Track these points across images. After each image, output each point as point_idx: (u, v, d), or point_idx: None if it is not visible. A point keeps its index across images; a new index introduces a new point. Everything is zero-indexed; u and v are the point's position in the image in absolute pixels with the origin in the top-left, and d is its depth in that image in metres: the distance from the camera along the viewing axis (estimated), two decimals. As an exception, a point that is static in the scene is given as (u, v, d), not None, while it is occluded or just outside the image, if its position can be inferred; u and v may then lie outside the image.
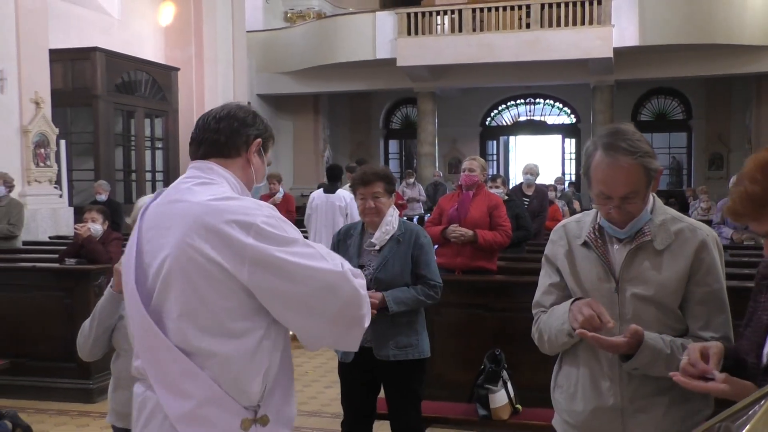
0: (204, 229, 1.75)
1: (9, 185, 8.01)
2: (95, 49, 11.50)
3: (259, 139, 2.00)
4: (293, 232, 1.84)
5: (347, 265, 1.87)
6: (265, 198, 9.91)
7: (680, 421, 2.07)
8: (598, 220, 2.18)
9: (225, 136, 1.95)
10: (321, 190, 8.38)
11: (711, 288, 2.08)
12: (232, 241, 1.75)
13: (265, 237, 1.77)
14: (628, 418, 2.10)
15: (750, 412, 1.00)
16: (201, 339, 1.76)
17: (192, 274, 1.75)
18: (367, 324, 1.93)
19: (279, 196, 9.79)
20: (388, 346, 3.51)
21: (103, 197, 9.62)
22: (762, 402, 0.99)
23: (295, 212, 10.40)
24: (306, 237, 8.48)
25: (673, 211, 2.18)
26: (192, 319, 1.76)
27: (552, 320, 2.18)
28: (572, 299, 2.13)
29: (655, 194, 2.16)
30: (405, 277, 3.55)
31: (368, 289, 3.49)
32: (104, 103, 11.53)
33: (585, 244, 2.18)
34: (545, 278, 2.32)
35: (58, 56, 10.73)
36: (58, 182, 10.56)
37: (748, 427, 0.92)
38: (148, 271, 1.83)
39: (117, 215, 8.86)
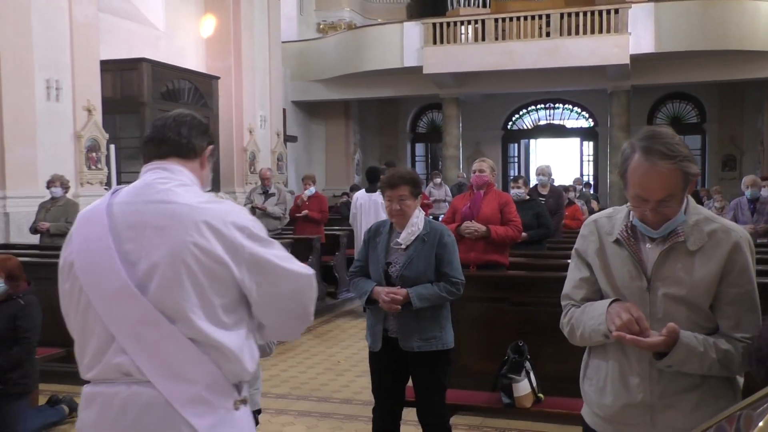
0: (208, 230, 1.79)
1: (65, 186, 8.16)
2: (142, 60, 11.64)
3: (211, 146, 2.06)
4: (267, 233, 1.94)
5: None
6: (299, 197, 9.94)
7: (709, 417, 1.97)
8: (630, 219, 2.08)
9: (186, 139, 1.97)
10: (363, 190, 8.78)
11: (743, 289, 2.00)
12: (233, 242, 1.81)
13: (255, 239, 1.85)
14: (657, 414, 2.03)
15: (771, 400, 0.98)
16: (205, 331, 1.78)
17: (196, 271, 1.77)
18: (312, 320, 2.02)
19: (306, 193, 9.86)
20: (413, 338, 3.53)
21: (150, 198, 9.73)
22: (782, 391, 0.98)
23: (328, 212, 10.40)
24: (352, 233, 8.85)
25: (706, 211, 2.08)
26: (195, 313, 1.77)
27: (586, 318, 2.10)
28: (609, 300, 2.04)
29: (689, 195, 2.05)
30: (429, 275, 3.55)
31: (394, 284, 3.54)
32: (150, 110, 11.65)
33: (617, 241, 2.08)
34: (575, 272, 2.22)
35: (108, 67, 10.88)
36: (108, 184, 10.71)
37: (768, 415, 0.91)
38: (135, 270, 1.79)
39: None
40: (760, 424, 0.95)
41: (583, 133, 21.19)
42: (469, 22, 17.00)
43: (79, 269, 1.84)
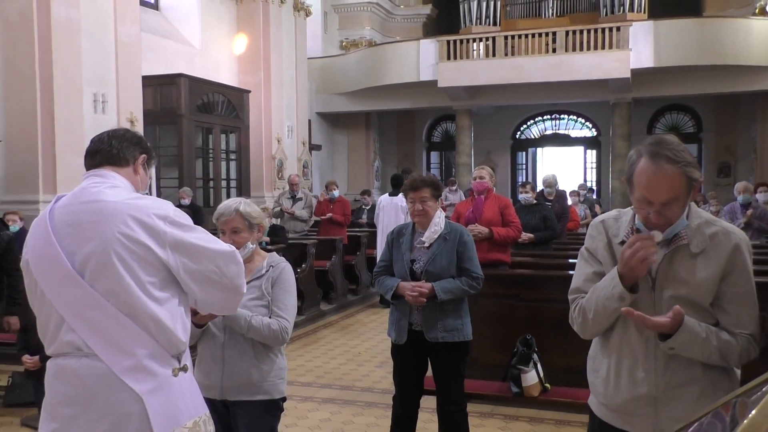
0: (133, 221, 1.93)
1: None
2: (180, 75, 11.73)
3: (144, 155, 2.19)
4: (191, 221, 2.07)
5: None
6: (326, 200, 9.97)
7: None
8: (636, 222, 2.05)
9: (116, 149, 2.11)
10: (387, 194, 9.14)
11: (743, 288, 1.97)
12: (155, 229, 1.95)
13: (176, 225, 1.99)
14: (660, 406, 2.00)
15: (765, 389, 0.98)
16: (138, 307, 1.92)
17: (125, 256, 1.91)
18: (244, 291, 2.13)
19: (328, 195, 9.94)
20: (437, 329, 3.53)
21: (186, 201, 9.81)
22: (774, 380, 0.98)
23: (351, 215, 10.42)
24: (372, 235, 9.24)
25: (707, 215, 2.05)
26: (128, 292, 1.91)
27: (597, 294, 2.05)
28: (615, 269, 2.00)
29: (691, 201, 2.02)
30: (451, 270, 3.56)
31: (419, 280, 3.55)
32: (187, 122, 11.75)
33: (623, 243, 2.04)
34: (587, 267, 2.17)
35: (149, 82, 10.99)
36: (149, 189, 10.81)
37: (763, 401, 0.91)
38: (74, 259, 1.93)
39: (198, 217, 9.03)
40: (753, 412, 0.94)
41: (587, 142, 21.06)
42: (480, 39, 16.96)
43: (32, 264, 1.99)
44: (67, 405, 1.92)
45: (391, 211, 8.89)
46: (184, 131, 11.69)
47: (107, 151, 2.10)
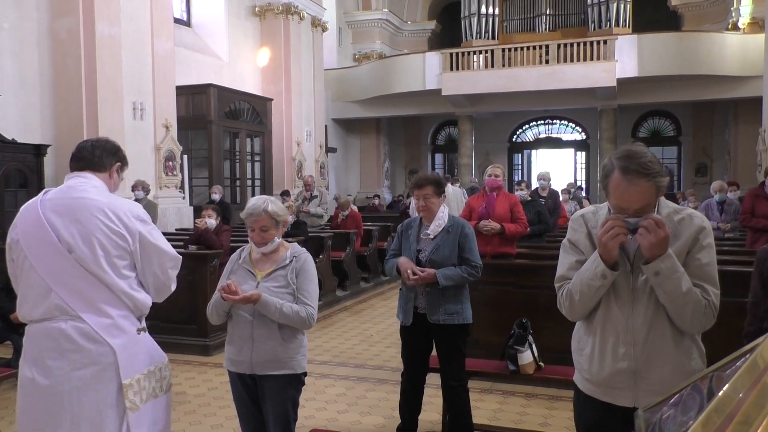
0: (112, 214, 2.23)
1: (146, 190, 8.28)
2: (210, 85, 11.78)
3: (118, 164, 2.44)
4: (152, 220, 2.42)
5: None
6: (341, 217, 9.92)
7: (683, 379, 1.94)
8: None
9: (98, 158, 2.37)
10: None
11: (705, 261, 2.00)
12: (128, 222, 2.27)
13: (142, 221, 2.32)
14: (640, 378, 2.02)
15: (738, 363, 0.98)
16: (113, 278, 2.22)
17: (105, 243, 2.21)
18: (172, 289, 2.46)
19: (339, 211, 9.92)
20: (439, 312, 3.53)
21: (216, 197, 9.79)
22: (747, 356, 0.98)
23: (362, 225, 10.30)
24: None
25: (674, 205, 2.09)
26: (104, 271, 2.20)
27: (581, 276, 2.07)
28: (595, 253, 2.03)
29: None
30: (453, 259, 3.56)
31: (424, 267, 3.55)
32: (216, 127, 11.79)
33: None
34: (570, 257, 2.19)
35: (182, 91, 11.03)
36: (182, 187, 10.86)
37: (735, 376, 0.91)
38: (62, 241, 2.19)
39: (227, 212, 9.06)
40: (726, 386, 0.95)
41: (577, 145, 20.97)
42: (480, 52, 16.91)
43: (23, 243, 2.24)
44: (56, 359, 2.17)
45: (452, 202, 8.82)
46: (214, 135, 11.73)
47: (90, 159, 2.36)
